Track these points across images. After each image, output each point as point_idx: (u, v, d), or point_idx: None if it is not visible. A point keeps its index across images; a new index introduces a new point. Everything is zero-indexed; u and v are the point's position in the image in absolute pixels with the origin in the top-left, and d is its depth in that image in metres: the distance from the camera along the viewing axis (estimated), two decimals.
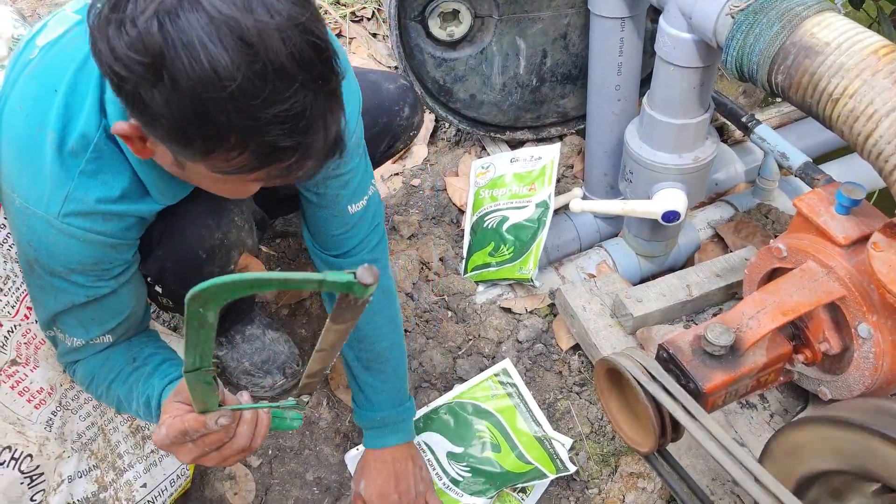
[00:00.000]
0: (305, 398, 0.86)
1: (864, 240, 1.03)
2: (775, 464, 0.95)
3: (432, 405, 1.43)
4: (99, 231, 0.90)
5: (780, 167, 1.62)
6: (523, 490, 1.29)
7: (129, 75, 0.69)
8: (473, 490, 1.30)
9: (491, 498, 1.28)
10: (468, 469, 1.33)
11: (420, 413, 1.41)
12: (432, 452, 1.37)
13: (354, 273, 0.57)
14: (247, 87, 0.68)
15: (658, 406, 0.99)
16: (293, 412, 0.89)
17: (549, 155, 1.63)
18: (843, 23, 0.95)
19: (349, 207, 1.13)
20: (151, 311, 1.58)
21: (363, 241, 1.18)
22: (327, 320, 0.66)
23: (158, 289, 1.11)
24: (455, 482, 1.32)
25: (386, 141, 1.41)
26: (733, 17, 1.05)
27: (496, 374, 1.46)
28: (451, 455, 1.36)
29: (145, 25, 0.67)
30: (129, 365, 1.04)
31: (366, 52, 2.26)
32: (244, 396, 0.84)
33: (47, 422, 1.09)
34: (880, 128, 0.87)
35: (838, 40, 0.93)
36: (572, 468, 1.29)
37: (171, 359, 1.06)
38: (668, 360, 1.05)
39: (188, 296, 0.59)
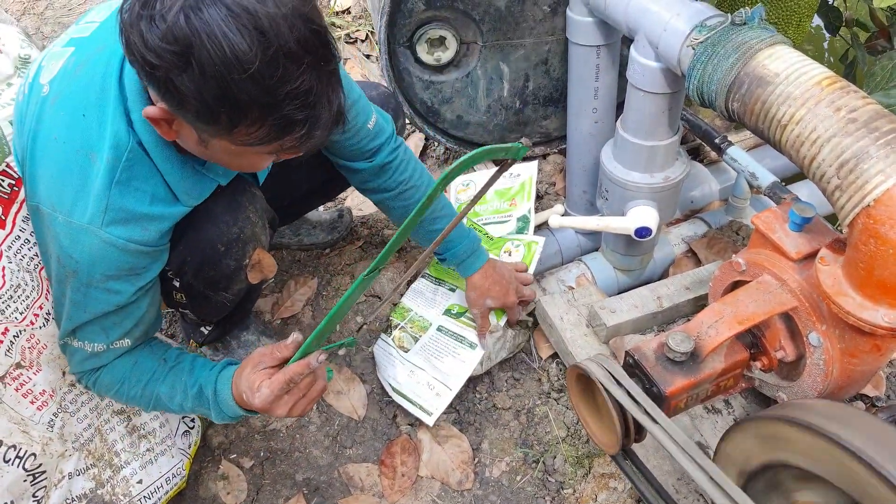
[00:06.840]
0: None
1: (814, 255, 1.10)
2: (726, 461, 1.02)
3: None
4: (137, 240, 1.01)
5: (751, 186, 1.70)
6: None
7: (161, 63, 0.80)
8: None
9: None
10: None
11: None
12: None
13: (521, 142, 0.96)
14: (263, 69, 0.79)
15: (622, 409, 1.07)
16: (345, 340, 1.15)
17: (527, 172, 1.71)
18: (792, 55, 1.04)
19: (367, 125, 1.31)
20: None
21: (387, 139, 1.37)
22: (483, 185, 1.02)
23: (176, 283, 1.20)
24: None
25: None
26: (694, 49, 1.13)
27: None
28: None
29: (174, 19, 0.78)
30: (163, 366, 1.15)
31: (359, 72, 2.34)
32: (299, 337, 1.03)
33: (49, 423, 1.15)
34: (822, 152, 0.95)
35: (787, 71, 1.01)
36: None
37: (197, 356, 1.19)
38: (633, 365, 1.12)
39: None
